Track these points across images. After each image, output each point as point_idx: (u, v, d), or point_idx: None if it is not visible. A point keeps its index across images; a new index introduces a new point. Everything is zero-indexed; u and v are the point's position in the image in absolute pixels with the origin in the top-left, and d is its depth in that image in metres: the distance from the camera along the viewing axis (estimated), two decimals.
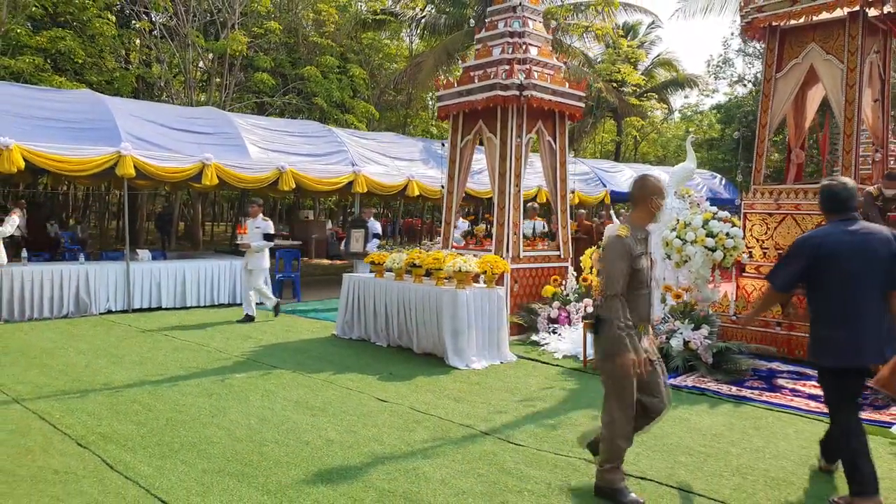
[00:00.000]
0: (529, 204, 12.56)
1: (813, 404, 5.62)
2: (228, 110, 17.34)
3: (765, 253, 8.39)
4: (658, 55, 32.81)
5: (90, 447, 4.31)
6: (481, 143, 9.12)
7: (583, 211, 13.26)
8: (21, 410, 5.09)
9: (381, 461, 4.19)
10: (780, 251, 8.17)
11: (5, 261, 8.87)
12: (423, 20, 24.68)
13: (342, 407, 5.36)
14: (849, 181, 3.91)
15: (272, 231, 9.70)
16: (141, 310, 10.18)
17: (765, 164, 8.93)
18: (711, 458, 4.34)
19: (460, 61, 9.09)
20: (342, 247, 12.23)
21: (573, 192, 17.16)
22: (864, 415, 5.28)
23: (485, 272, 7.12)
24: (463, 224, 12.42)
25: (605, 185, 19.13)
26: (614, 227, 9.32)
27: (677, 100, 46.21)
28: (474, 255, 7.46)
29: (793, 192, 8.54)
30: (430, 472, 4.01)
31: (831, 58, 8.28)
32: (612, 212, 10.89)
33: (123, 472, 3.91)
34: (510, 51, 8.59)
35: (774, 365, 7.10)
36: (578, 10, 23.82)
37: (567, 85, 8.82)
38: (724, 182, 23.80)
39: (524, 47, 8.58)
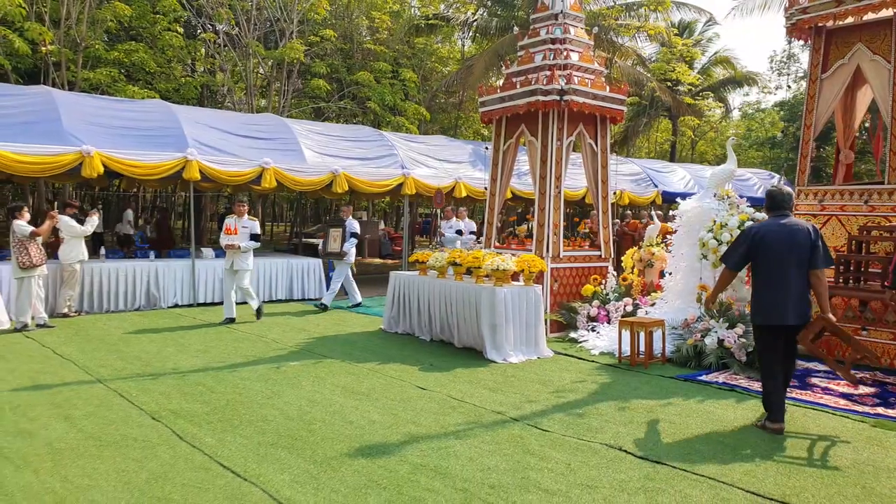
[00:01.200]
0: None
1: (842, 402, 5.77)
2: (287, 115, 18.14)
3: None
4: (715, 53, 32.30)
5: (162, 420, 4.88)
6: (525, 146, 9.46)
7: (629, 212, 13.38)
8: (104, 389, 5.72)
9: (416, 440, 4.61)
10: (840, 252, 8.25)
11: (86, 257, 9.67)
12: (474, 23, 25.09)
13: (384, 393, 5.81)
14: (786, 189, 5.23)
15: (259, 231, 9.69)
16: (205, 304, 10.90)
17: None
18: (728, 447, 4.59)
19: (509, 63, 9.37)
20: (320, 247, 11.67)
21: (620, 192, 17.28)
22: (881, 411, 5.44)
23: (522, 271, 7.45)
24: (457, 223, 12.49)
25: (656, 186, 19.10)
26: (655, 228, 9.52)
27: (736, 98, 45.27)
28: (513, 255, 7.81)
29: (837, 193, 8.58)
30: (461, 451, 4.41)
31: (878, 58, 8.28)
32: (653, 213, 11.04)
33: (191, 442, 4.45)
34: (551, 57, 8.90)
35: (812, 365, 7.21)
36: (631, 9, 23.78)
37: (608, 89, 9.07)
38: (783, 181, 23.38)
39: (565, 53, 8.88)
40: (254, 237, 9.47)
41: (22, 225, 8.48)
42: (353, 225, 11.22)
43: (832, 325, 4.89)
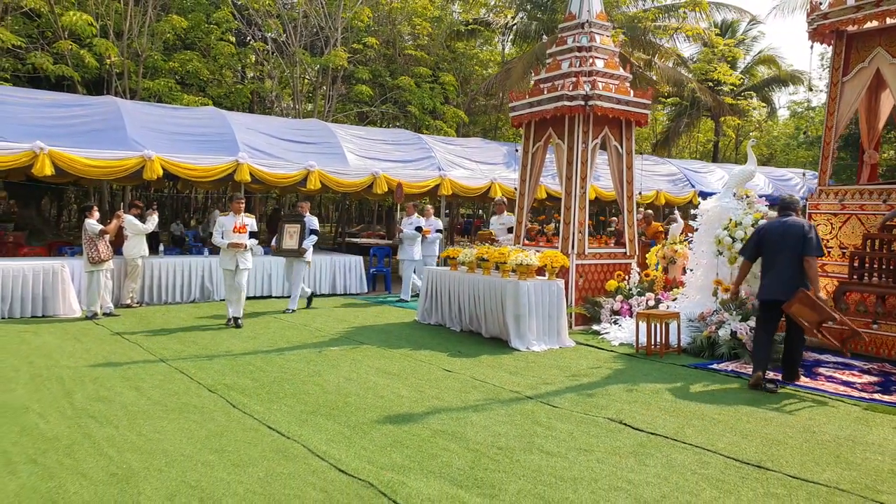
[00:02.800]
0: (498, 198, 12.83)
1: (842, 388, 6.14)
2: (332, 120, 18.96)
3: (829, 252, 8.72)
4: (759, 52, 32.05)
5: (217, 392, 5.59)
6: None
7: (650, 212, 13.73)
8: (166, 367, 6.48)
9: (438, 411, 5.20)
10: (845, 250, 8.54)
11: (147, 253, 10.54)
12: (514, 27, 25.59)
13: (413, 374, 6.42)
14: (795, 196, 6.70)
15: (255, 229, 9.48)
16: (254, 297, 11.69)
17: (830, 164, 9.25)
18: (720, 423, 5.05)
19: (539, 70, 9.93)
20: (273, 243, 10.72)
21: (656, 192, 17.56)
22: (877, 396, 5.80)
23: (545, 266, 7.97)
24: (417, 220, 12.03)
25: (693, 186, 19.27)
26: (678, 227, 9.90)
27: (782, 97, 44.46)
28: (537, 251, 8.32)
29: (857, 192, 8.84)
30: (476, 420, 4.98)
31: None
32: (677, 213, 11.38)
33: (242, 409, 5.13)
34: (577, 64, 9.39)
35: (824, 357, 7.53)
36: (670, 10, 23.94)
37: (632, 93, 9.50)
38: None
39: (590, 60, 9.36)
40: (252, 235, 9.15)
41: (92, 223, 9.37)
42: (313, 222, 10.76)
43: (809, 298, 5.89)
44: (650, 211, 11.11)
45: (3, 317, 9.16)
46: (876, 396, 5.85)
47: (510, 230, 10.80)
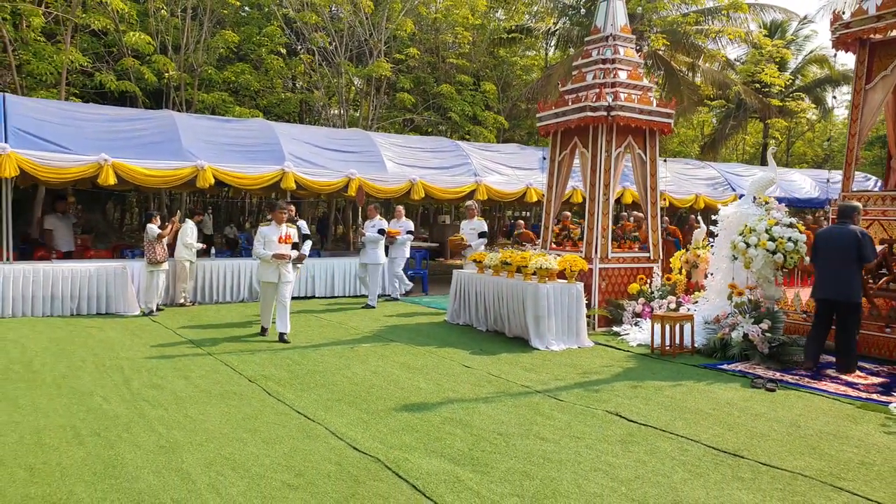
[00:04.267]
0: (468, 203, 12.65)
1: (843, 389, 6.39)
2: (377, 127, 19.69)
3: None
4: (811, 52, 31.46)
5: (256, 381, 6.23)
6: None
7: (567, 213, 13.98)
8: (212, 360, 7.18)
9: (451, 401, 5.72)
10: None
11: (195, 257, 11.30)
12: (556, 32, 25.90)
13: (435, 369, 6.95)
14: (852, 203, 7.43)
15: (298, 240, 8.92)
16: (299, 297, 12.41)
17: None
18: (711, 417, 5.41)
19: (565, 82, 10.36)
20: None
21: (696, 196, 17.66)
22: (874, 396, 6.06)
23: (565, 269, 8.39)
24: (380, 222, 11.88)
25: (734, 190, 19.26)
26: (701, 232, 10.17)
27: (839, 96, 43.29)
28: (557, 255, 8.75)
29: (879, 198, 8.99)
30: (484, 410, 5.48)
31: None
32: (698, 217, 11.60)
33: (276, 396, 5.75)
34: (601, 76, 9.77)
35: (833, 358, 7.72)
36: (713, 13, 23.88)
37: (654, 104, 9.83)
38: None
39: (613, 72, 9.73)
40: (295, 246, 8.61)
41: (153, 228, 10.23)
42: (305, 226, 10.51)
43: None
44: (640, 214, 11.40)
45: (73, 314, 10.09)
46: (874, 396, 6.10)
47: (481, 235, 11.12)
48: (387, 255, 12.19)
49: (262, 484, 3.88)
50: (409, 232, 12.60)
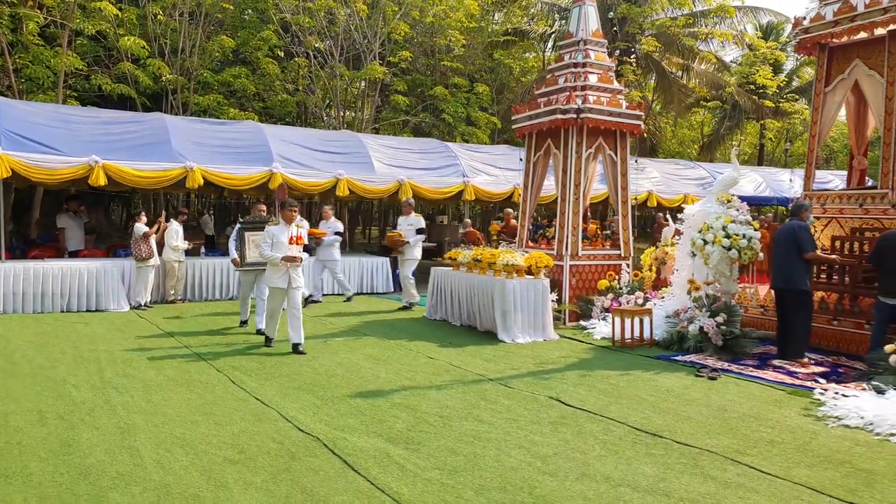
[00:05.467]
0: (405, 199, 12.52)
1: (781, 377, 6.67)
2: (371, 129, 20.05)
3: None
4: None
5: (223, 372, 6.58)
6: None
7: (510, 210, 14.24)
8: (188, 352, 7.54)
9: (405, 389, 6.04)
10: (826, 251, 8.93)
11: (182, 256, 11.63)
12: (552, 35, 26.16)
13: (399, 360, 7.28)
14: (803, 202, 7.92)
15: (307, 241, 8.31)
16: None
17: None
18: (646, 402, 5.71)
19: (539, 86, 10.65)
20: (234, 255, 8.94)
21: (648, 193, 17.90)
22: (808, 384, 6.34)
23: (531, 266, 8.70)
24: (336, 224, 12.13)
25: None
26: (671, 229, 10.44)
27: None
28: (524, 253, 9.06)
29: (837, 197, 9.25)
30: (433, 396, 5.80)
31: (873, 73, 8.88)
32: (668, 215, 11.87)
33: (239, 384, 6.09)
34: (572, 79, 10.07)
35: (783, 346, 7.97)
36: (706, 16, 24.10)
37: (624, 106, 10.12)
38: (792, 176, 22.85)
39: (584, 76, 10.03)
40: (307, 248, 7.90)
41: (139, 226, 10.63)
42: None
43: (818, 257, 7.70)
44: (510, 209, 11.79)
45: (63, 310, 10.49)
46: (807, 384, 6.37)
47: (419, 231, 11.14)
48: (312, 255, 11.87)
49: (204, 459, 4.22)
50: (337, 233, 12.15)
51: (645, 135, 26.66)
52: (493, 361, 7.31)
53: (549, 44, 27.32)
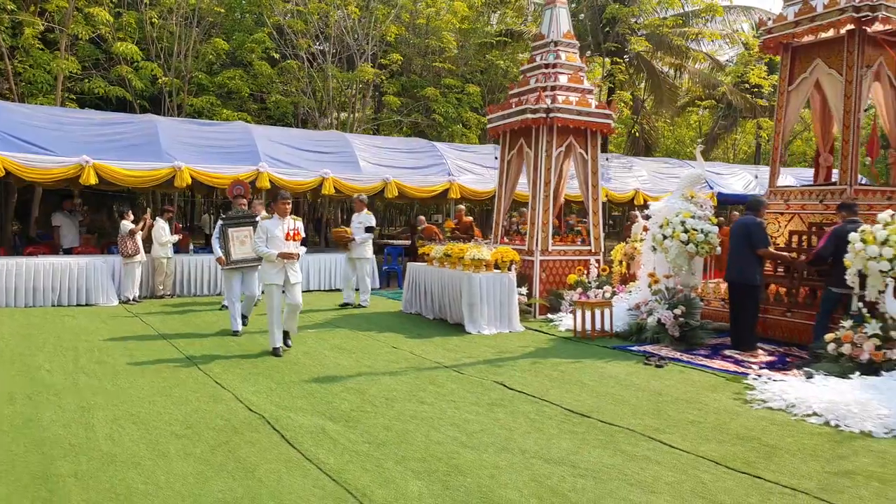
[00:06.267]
0: (356, 196, 11.99)
1: (727, 365, 6.94)
2: (364, 130, 20.39)
3: (776, 248, 9.39)
4: None
5: (193, 359, 6.92)
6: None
7: (462, 206, 14.47)
8: (164, 342, 7.88)
9: (360, 375, 6.36)
10: (779, 248, 9.19)
11: (170, 253, 12.00)
12: None
13: (363, 349, 7.60)
14: (758, 198, 8.36)
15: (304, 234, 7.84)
16: None
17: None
18: (586, 387, 6.01)
19: (513, 86, 10.92)
20: (219, 251, 8.77)
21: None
22: (727, 366, 6.61)
23: (496, 261, 9.00)
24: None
25: (711, 188, 19.69)
26: (639, 226, 10.71)
27: None
28: (490, 248, 9.36)
29: (799, 193, 9.51)
30: (385, 381, 6.12)
31: (833, 72, 9.14)
32: (638, 212, 12.14)
33: (205, 371, 6.43)
34: (543, 80, 10.37)
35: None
36: (695, 17, 24.32)
37: (593, 105, 10.41)
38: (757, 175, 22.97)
39: (554, 76, 10.32)
40: (304, 242, 7.60)
41: (126, 224, 11.00)
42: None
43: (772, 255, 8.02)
44: (461, 206, 12.13)
45: (54, 304, 10.86)
46: (747, 371, 6.64)
47: (368, 229, 10.96)
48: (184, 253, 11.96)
49: (153, 434, 4.55)
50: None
51: (637, 134, 27.10)
52: (454, 351, 7.62)
53: None
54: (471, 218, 13.44)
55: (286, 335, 7.54)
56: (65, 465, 3.98)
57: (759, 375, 6.33)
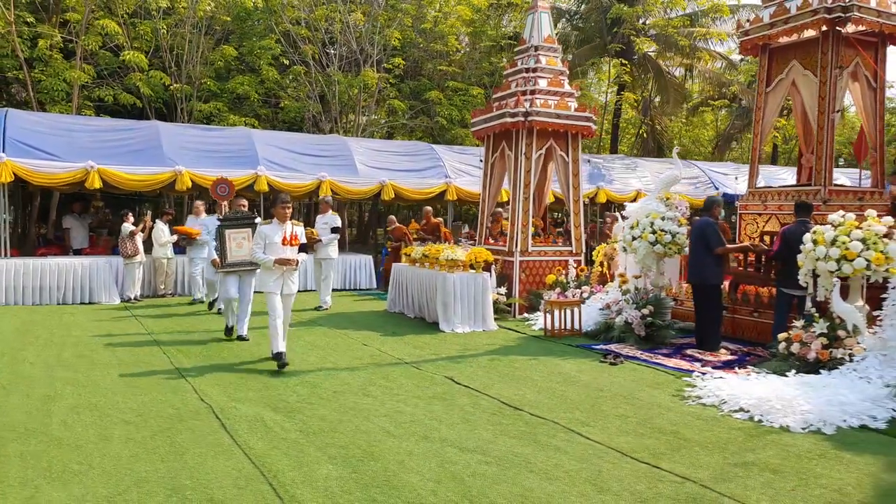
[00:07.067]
0: (322, 197, 12.30)
1: (682, 363, 7.10)
2: (365, 134, 20.77)
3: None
4: None
5: (168, 354, 7.31)
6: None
7: (429, 208, 14.57)
8: (148, 338, 8.29)
9: (322, 370, 6.67)
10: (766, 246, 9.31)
11: (170, 254, 12.44)
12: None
13: (333, 347, 7.91)
14: (713, 197, 8.53)
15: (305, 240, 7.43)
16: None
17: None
18: (533, 382, 6.24)
19: (496, 90, 11.12)
20: (215, 254, 8.84)
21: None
22: (681, 364, 6.78)
23: (471, 261, 9.25)
24: (208, 219, 11.05)
25: (716, 188, 19.70)
26: (620, 227, 10.87)
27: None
28: (465, 248, 9.62)
29: (776, 194, 9.60)
30: (341, 376, 6.42)
31: (808, 73, 9.24)
32: (618, 213, 12.26)
33: (175, 365, 6.80)
34: (522, 84, 10.60)
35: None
36: (702, 16, 24.24)
37: (573, 109, 10.60)
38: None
39: (534, 80, 10.54)
40: (303, 248, 7.09)
41: (126, 226, 11.49)
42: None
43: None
44: (428, 208, 12.41)
45: (59, 302, 11.40)
46: (699, 368, 6.80)
47: (334, 230, 10.96)
48: (185, 254, 12.28)
49: (104, 420, 4.92)
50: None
51: (644, 135, 27.06)
52: (421, 348, 7.89)
53: None
54: (440, 219, 13.67)
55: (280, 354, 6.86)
56: (16, 447, 4.35)
57: (704, 373, 6.49)
